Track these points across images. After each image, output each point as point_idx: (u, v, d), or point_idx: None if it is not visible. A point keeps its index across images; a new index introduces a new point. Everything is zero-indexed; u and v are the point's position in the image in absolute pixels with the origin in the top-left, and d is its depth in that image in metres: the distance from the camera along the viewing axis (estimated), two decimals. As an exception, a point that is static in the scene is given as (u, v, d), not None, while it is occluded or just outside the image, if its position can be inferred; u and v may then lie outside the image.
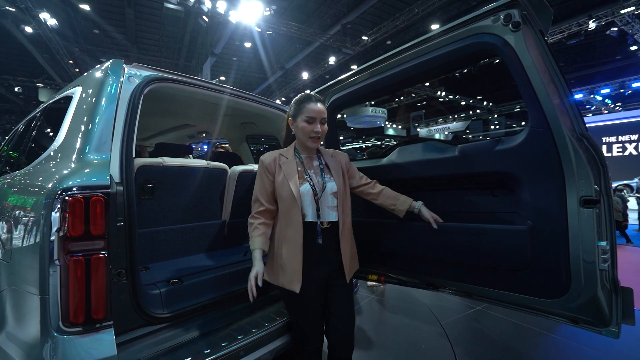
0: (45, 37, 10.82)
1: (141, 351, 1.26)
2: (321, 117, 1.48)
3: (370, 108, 16.13)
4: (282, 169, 1.47)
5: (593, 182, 1.16)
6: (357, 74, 1.82)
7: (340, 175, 1.53)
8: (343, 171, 1.56)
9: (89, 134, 1.29)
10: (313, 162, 1.55)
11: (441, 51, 1.45)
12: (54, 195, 1.07)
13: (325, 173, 1.53)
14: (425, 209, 1.54)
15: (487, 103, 18.83)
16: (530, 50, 1.20)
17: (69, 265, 1.05)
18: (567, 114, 1.19)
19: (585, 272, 1.19)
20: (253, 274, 1.37)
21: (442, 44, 1.44)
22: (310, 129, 1.46)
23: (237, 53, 17.44)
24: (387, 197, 1.61)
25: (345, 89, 1.91)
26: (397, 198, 1.59)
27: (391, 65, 1.65)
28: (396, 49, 1.60)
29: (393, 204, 1.58)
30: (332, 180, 1.50)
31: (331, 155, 1.59)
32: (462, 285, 1.58)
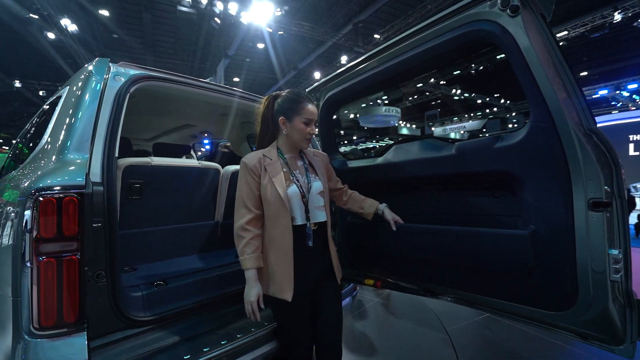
0: (66, 43, 11.22)
1: (119, 355, 1.23)
2: (316, 120, 1.45)
3: (383, 107, 15.92)
4: (267, 171, 1.38)
5: (603, 183, 1.05)
6: (352, 68, 1.74)
7: (324, 174, 1.53)
8: (324, 171, 1.55)
9: (69, 133, 1.26)
10: (297, 162, 1.48)
11: (437, 41, 1.35)
12: (27, 195, 1.05)
13: (310, 172, 1.48)
14: (388, 211, 1.56)
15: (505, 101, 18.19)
16: (530, 36, 1.09)
17: (40, 267, 1.03)
18: (573, 106, 1.08)
19: (595, 283, 1.07)
20: (253, 297, 1.29)
21: (437, 33, 1.34)
22: (307, 130, 1.41)
23: (251, 54, 17.56)
24: (355, 201, 1.64)
25: (340, 85, 1.84)
26: (364, 201, 1.62)
27: (387, 57, 1.57)
28: (391, 39, 1.51)
29: (361, 207, 1.62)
30: (317, 180, 1.46)
31: (314, 155, 1.57)
32: (462, 293, 1.48)
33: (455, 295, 1.52)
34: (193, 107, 2.33)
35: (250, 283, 1.32)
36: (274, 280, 1.34)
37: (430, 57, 1.41)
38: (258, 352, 1.44)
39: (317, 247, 1.40)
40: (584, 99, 1.08)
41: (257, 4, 9.86)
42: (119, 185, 1.53)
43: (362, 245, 1.91)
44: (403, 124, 20.55)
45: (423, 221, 1.56)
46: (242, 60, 18.19)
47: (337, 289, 1.51)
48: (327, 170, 1.59)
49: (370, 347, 2.56)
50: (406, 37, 1.45)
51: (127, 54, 16.06)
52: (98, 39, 14.10)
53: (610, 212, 1.06)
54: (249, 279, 1.32)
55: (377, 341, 2.67)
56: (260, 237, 1.37)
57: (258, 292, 1.31)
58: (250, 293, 1.30)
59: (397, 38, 1.47)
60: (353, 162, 1.95)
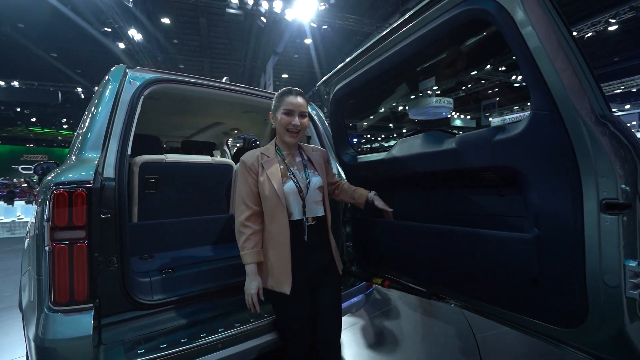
0: (134, 51, 12.52)
1: (126, 333, 1.37)
2: (300, 111, 1.43)
3: (434, 98, 15.06)
4: (264, 169, 1.42)
5: (620, 181, 0.88)
6: (357, 59, 1.69)
7: (323, 169, 1.56)
8: (323, 166, 1.58)
9: (86, 134, 1.43)
10: (295, 158, 1.51)
11: (433, 24, 1.25)
12: (47, 189, 1.22)
13: (309, 168, 1.51)
14: (378, 199, 1.59)
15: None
16: (528, 10, 0.95)
17: (55, 251, 1.18)
18: (581, 90, 0.92)
19: (607, 298, 0.92)
20: (253, 290, 1.37)
21: (433, 16, 1.24)
22: (288, 120, 1.41)
23: (299, 50, 17.85)
24: (346, 192, 1.68)
25: (347, 77, 1.79)
26: (355, 191, 1.66)
27: (389, 45, 1.49)
28: (391, 26, 1.43)
29: (352, 197, 1.65)
30: (316, 175, 1.50)
31: (313, 150, 1.59)
32: (466, 299, 1.37)
33: (461, 300, 1.41)
34: (214, 106, 2.46)
35: (251, 277, 1.39)
36: (273, 274, 1.38)
37: (429, 42, 1.31)
38: (253, 342, 1.49)
39: (315, 242, 1.43)
40: (595, 81, 0.91)
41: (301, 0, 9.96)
42: (136, 180, 1.68)
43: (371, 243, 1.86)
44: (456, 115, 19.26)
45: (426, 220, 1.46)
46: (290, 56, 18.56)
47: (337, 285, 1.54)
48: (325, 166, 1.60)
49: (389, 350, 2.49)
50: (404, 23, 1.36)
51: (186, 57, 17.39)
52: (161, 44, 15.49)
53: (628, 215, 0.89)
54: (249, 273, 1.40)
55: (396, 343, 2.59)
56: (260, 233, 1.42)
57: (258, 285, 1.38)
58: (250, 286, 1.38)
59: (396, 24, 1.39)
60: (363, 157, 1.90)
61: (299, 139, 1.48)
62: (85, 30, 11.76)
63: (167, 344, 1.34)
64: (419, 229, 1.46)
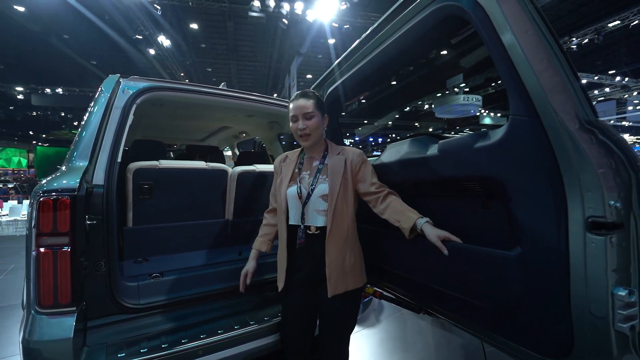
0: (163, 56, 13.10)
1: (110, 336, 1.41)
2: (303, 113, 1.40)
3: (462, 96, 14.47)
4: (282, 171, 1.52)
5: (607, 196, 0.78)
6: (345, 61, 1.64)
7: (340, 176, 1.38)
8: (347, 171, 1.39)
9: (77, 143, 1.48)
10: (313, 162, 1.48)
11: (412, 22, 1.18)
12: (35, 196, 1.27)
13: (322, 174, 1.42)
14: (429, 228, 1.19)
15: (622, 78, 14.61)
16: (504, 6, 0.86)
17: (40, 256, 1.24)
18: (565, 93, 0.82)
19: (594, 330, 0.81)
20: (243, 271, 1.58)
21: (411, 14, 1.17)
22: (295, 127, 1.42)
23: (323, 50, 17.84)
24: (393, 211, 1.32)
25: (338, 79, 1.74)
26: (402, 213, 1.29)
27: (372, 46, 1.43)
28: (372, 27, 1.37)
29: (397, 220, 1.29)
30: (325, 182, 1.39)
31: (337, 153, 1.45)
32: (453, 316, 1.28)
33: (449, 317, 1.32)
34: (218, 110, 2.49)
35: (250, 259, 1.60)
36: (278, 271, 1.49)
37: (410, 40, 1.23)
38: (234, 350, 1.48)
39: (315, 251, 1.38)
40: (579, 83, 0.81)
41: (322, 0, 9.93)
42: (130, 186, 1.73)
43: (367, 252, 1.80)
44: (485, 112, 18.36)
45: None
46: (314, 57, 18.60)
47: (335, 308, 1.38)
48: (357, 171, 1.40)
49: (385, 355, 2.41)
50: (384, 23, 1.29)
51: (213, 61, 17.93)
52: (191, 48, 16.09)
53: (618, 236, 0.78)
54: (250, 256, 1.61)
55: (401, 354, 2.49)
56: (272, 227, 1.59)
57: (250, 268, 1.58)
58: (245, 267, 1.59)
59: (376, 24, 1.33)
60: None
61: (314, 141, 1.43)
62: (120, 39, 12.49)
63: (147, 348, 1.37)
64: (405, 240, 1.38)
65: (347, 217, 1.38)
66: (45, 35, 12.77)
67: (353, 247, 1.41)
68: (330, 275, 1.34)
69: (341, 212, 1.36)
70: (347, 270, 1.37)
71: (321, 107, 1.44)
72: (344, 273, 1.36)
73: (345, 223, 1.37)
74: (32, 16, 11.45)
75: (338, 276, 1.35)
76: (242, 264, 1.84)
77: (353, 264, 1.39)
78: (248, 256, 1.93)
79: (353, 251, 1.40)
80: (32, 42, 13.60)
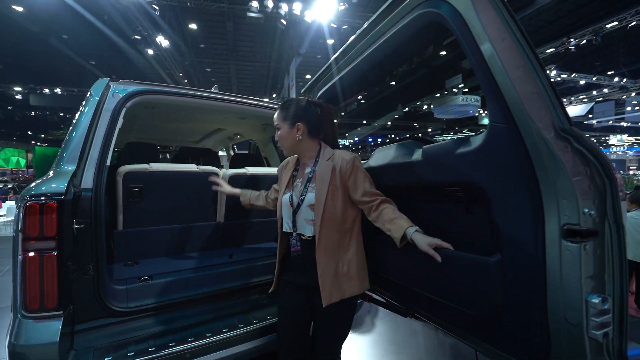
0: (162, 56, 13.11)
1: (97, 340, 1.41)
2: (275, 125, 1.48)
3: (460, 96, 14.48)
4: (282, 177, 1.56)
5: (582, 204, 0.78)
6: (332, 66, 1.65)
7: (326, 184, 1.33)
8: (335, 179, 1.35)
9: (65, 147, 1.49)
10: (305, 169, 1.47)
11: (395, 28, 1.18)
12: (22, 200, 1.28)
13: (311, 182, 1.40)
14: (419, 236, 1.17)
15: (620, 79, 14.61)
16: (479, 10, 0.87)
17: (26, 260, 1.24)
18: (541, 101, 0.82)
19: (569, 337, 0.82)
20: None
21: (394, 20, 1.18)
22: (277, 137, 1.49)
23: (322, 51, 17.84)
24: (385, 220, 1.29)
25: (327, 82, 1.75)
26: (393, 222, 1.26)
27: (358, 51, 1.44)
28: (358, 32, 1.37)
29: (389, 228, 1.27)
30: (313, 191, 1.37)
31: (327, 159, 1.40)
32: (439, 321, 1.29)
33: (434, 321, 1.33)
34: (210, 113, 2.49)
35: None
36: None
37: (394, 46, 1.24)
38: (223, 353, 1.48)
39: (301, 259, 1.39)
40: (554, 92, 0.81)
41: (320, 0, 9.93)
42: (120, 189, 1.73)
43: None
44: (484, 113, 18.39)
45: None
46: (313, 57, 18.62)
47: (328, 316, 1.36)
48: (346, 178, 1.35)
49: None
50: (369, 29, 1.30)
51: (213, 61, 17.93)
52: (190, 48, 16.08)
53: (592, 243, 0.78)
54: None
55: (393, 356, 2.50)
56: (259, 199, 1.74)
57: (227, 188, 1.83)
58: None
59: (360, 30, 1.33)
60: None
61: (288, 150, 1.49)
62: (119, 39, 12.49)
63: (135, 352, 1.37)
64: (391, 243, 1.39)
65: (337, 226, 1.34)
66: (44, 35, 12.77)
67: (347, 254, 1.36)
68: (323, 286, 1.30)
69: (329, 221, 1.32)
70: (342, 279, 1.33)
71: (287, 117, 1.42)
72: (338, 282, 1.32)
73: (334, 232, 1.33)
74: (31, 16, 11.45)
75: (332, 286, 1.31)
76: (233, 266, 1.86)
77: (348, 272, 1.34)
78: (238, 259, 1.94)
79: (347, 258, 1.35)
80: (30, 42, 13.60)
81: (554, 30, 12.52)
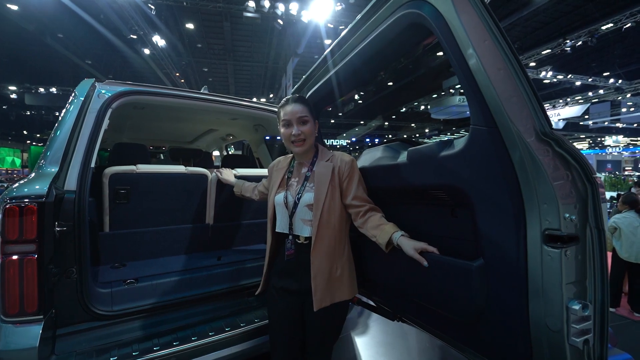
0: (158, 56, 13.05)
1: (80, 344, 1.39)
2: (297, 118, 1.36)
3: (457, 97, 14.51)
4: (272, 176, 1.52)
5: (562, 209, 0.77)
6: (320, 66, 1.63)
7: (326, 185, 1.32)
8: (334, 180, 1.33)
9: (48, 148, 1.47)
10: (302, 169, 1.43)
11: (379, 29, 1.17)
12: (2, 203, 1.25)
13: (309, 182, 1.38)
14: (406, 240, 1.16)
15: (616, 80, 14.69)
16: (460, 12, 0.86)
17: (5, 264, 1.22)
18: (521, 104, 0.81)
19: (550, 344, 0.81)
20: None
21: (378, 21, 1.16)
22: (288, 132, 1.38)
23: (320, 51, 17.80)
24: (370, 226, 1.28)
25: (316, 83, 1.74)
26: (378, 228, 1.25)
27: (344, 52, 1.42)
28: (342, 33, 1.36)
29: (374, 235, 1.26)
30: (311, 191, 1.35)
31: (326, 160, 1.38)
32: (425, 325, 1.27)
33: (421, 325, 1.32)
34: (202, 114, 2.47)
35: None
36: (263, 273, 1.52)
37: (379, 46, 1.23)
38: (209, 357, 1.47)
39: (301, 261, 1.34)
40: (535, 95, 0.80)
41: (317, 0, 9.92)
42: (106, 191, 1.71)
43: None
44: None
45: None
46: (311, 57, 18.60)
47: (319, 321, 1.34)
48: (343, 180, 1.34)
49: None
50: (354, 29, 1.28)
51: (210, 61, 17.87)
52: (187, 48, 16.02)
53: (574, 249, 0.77)
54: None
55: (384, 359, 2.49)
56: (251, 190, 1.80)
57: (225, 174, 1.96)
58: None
59: (346, 31, 1.32)
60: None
61: (308, 147, 1.39)
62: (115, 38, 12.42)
63: (117, 356, 1.35)
64: (377, 248, 1.38)
65: (334, 227, 1.32)
66: (40, 34, 12.67)
67: (341, 258, 1.34)
68: (315, 289, 1.28)
69: (327, 222, 1.30)
70: (334, 282, 1.31)
71: (312, 112, 1.41)
72: (330, 285, 1.30)
73: (331, 233, 1.31)
74: (26, 15, 11.36)
75: (324, 289, 1.29)
76: (221, 269, 1.84)
77: (340, 276, 1.33)
78: (227, 261, 1.92)
79: (341, 262, 1.34)
80: (26, 41, 13.51)
81: (550, 31, 12.58)
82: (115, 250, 1.79)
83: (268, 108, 2.25)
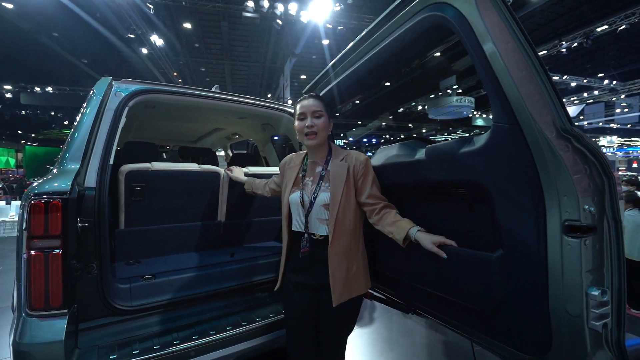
0: (155, 55, 13.00)
1: (101, 338, 1.42)
2: (312, 111, 1.40)
3: (455, 97, 14.63)
4: (286, 174, 1.53)
5: (582, 201, 0.82)
6: (336, 66, 1.67)
7: (342, 184, 1.35)
8: (349, 179, 1.36)
9: (69, 146, 1.49)
10: (316, 168, 1.45)
11: (399, 31, 1.21)
12: (27, 199, 1.28)
13: (324, 181, 1.40)
14: (423, 235, 1.20)
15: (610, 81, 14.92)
16: (485, 17, 0.90)
17: (31, 259, 1.24)
18: (543, 102, 0.86)
19: (570, 328, 0.85)
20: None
21: (399, 23, 1.20)
22: (302, 125, 1.41)
23: (317, 51, 17.83)
24: (386, 223, 1.32)
25: (329, 83, 1.77)
26: (394, 224, 1.29)
27: (361, 53, 1.46)
28: (360, 35, 1.40)
29: (390, 231, 1.30)
30: (326, 190, 1.37)
31: (341, 159, 1.41)
32: (441, 316, 1.32)
33: (437, 317, 1.36)
34: (210, 113, 2.49)
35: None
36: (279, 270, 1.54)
37: (398, 48, 1.27)
38: (228, 350, 1.50)
39: (317, 259, 1.37)
40: (555, 92, 0.85)
41: (316, 1, 9.96)
42: (123, 188, 1.73)
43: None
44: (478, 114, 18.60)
45: None
46: (308, 57, 18.60)
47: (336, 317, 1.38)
48: (358, 178, 1.37)
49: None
50: (373, 30, 1.32)
51: (207, 61, 17.82)
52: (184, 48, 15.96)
53: (592, 239, 0.82)
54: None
55: (391, 354, 2.53)
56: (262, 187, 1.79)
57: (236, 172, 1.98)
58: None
59: (365, 32, 1.36)
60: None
61: (319, 141, 1.40)
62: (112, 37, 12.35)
63: (139, 350, 1.37)
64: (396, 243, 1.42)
65: (350, 225, 1.35)
66: (35, 32, 12.56)
67: (357, 254, 1.39)
68: (334, 287, 1.31)
69: (343, 220, 1.33)
70: (351, 279, 1.36)
71: (328, 110, 1.44)
72: (347, 282, 1.35)
73: (347, 232, 1.35)
74: (21, 13, 11.26)
75: (343, 286, 1.33)
76: (234, 265, 1.87)
77: (356, 272, 1.37)
78: (240, 258, 1.95)
79: (357, 258, 1.39)
80: (21, 40, 13.37)
81: (545, 32, 12.74)
82: (130, 247, 1.81)
83: (279, 107, 2.28)
